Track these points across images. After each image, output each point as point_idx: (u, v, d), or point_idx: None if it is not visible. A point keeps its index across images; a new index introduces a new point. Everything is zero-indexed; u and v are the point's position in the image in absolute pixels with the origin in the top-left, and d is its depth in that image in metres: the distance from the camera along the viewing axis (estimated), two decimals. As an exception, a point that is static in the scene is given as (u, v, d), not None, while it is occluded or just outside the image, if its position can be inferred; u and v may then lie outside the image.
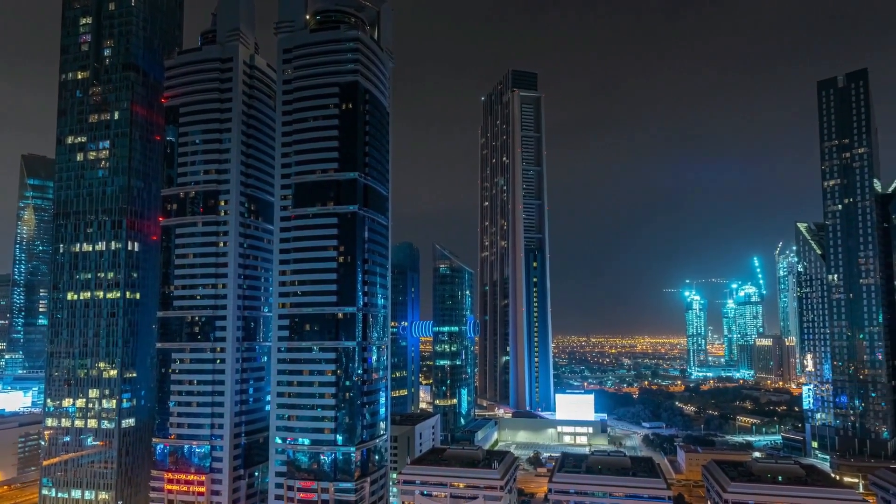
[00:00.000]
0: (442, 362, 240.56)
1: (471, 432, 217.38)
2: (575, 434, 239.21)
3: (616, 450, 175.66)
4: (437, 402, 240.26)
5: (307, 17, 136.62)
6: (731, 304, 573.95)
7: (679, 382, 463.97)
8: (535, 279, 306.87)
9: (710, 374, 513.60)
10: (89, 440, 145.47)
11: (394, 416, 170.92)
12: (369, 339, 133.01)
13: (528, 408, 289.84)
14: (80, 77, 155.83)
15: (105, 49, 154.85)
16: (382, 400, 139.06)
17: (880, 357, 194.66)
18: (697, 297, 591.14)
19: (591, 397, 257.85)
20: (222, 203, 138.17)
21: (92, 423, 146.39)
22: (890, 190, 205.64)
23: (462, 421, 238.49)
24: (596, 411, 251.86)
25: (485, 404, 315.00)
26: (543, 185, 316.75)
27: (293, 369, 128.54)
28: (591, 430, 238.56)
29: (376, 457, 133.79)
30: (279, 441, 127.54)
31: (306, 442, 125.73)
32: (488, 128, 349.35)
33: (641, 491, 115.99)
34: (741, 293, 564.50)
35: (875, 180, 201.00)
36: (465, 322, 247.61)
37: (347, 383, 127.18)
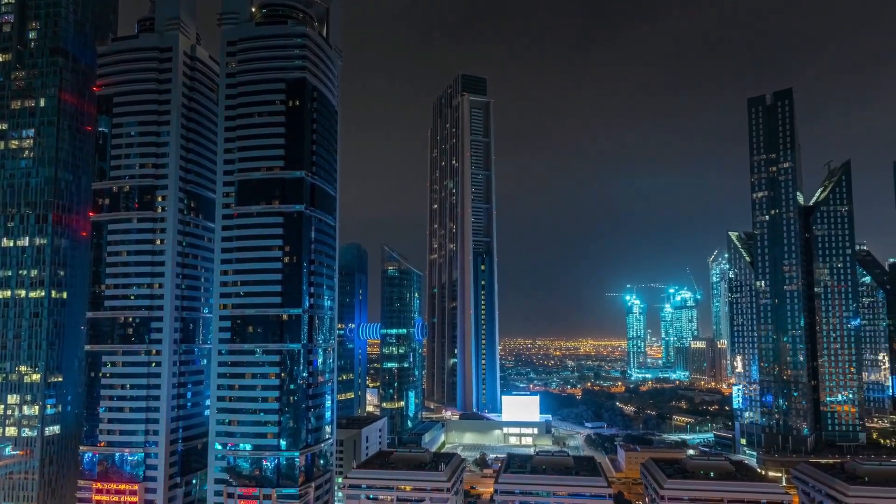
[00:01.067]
0: (389, 365, 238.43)
1: (418, 435, 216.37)
2: (520, 435, 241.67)
3: (560, 450, 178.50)
4: (384, 404, 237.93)
5: (252, 9, 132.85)
6: (668, 308, 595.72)
7: (620, 383, 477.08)
8: (482, 282, 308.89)
9: (648, 376, 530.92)
10: (7, 449, 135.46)
11: (340, 420, 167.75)
12: (315, 342, 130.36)
13: (475, 409, 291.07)
14: (1, 60, 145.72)
15: (30, 31, 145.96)
16: (328, 403, 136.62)
17: (801, 359, 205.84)
18: (638, 302, 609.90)
19: (537, 399, 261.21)
20: (160, 199, 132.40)
21: (11, 430, 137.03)
22: (811, 203, 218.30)
23: (409, 423, 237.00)
24: (541, 412, 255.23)
25: (432, 406, 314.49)
26: (492, 189, 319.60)
27: (235, 372, 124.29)
28: (536, 430, 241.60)
29: (321, 461, 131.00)
30: (219, 447, 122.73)
31: (248, 447, 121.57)
32: (438, 131, 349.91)
33: (584, 490, 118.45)
34: (678, 298, 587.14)
35: (798, 193, 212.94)
36: (413, 324, 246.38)
37: (292, 387, 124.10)
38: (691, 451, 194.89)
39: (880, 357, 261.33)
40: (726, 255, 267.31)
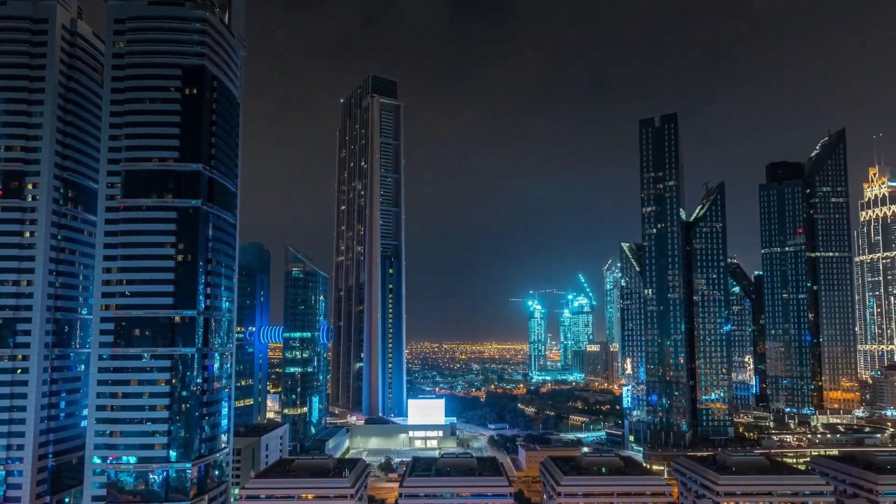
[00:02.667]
0: (292, 369, 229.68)
1: (321, 441, 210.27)
2: (426, 438, 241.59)
3: (464, 451, 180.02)
4: (285, 411, 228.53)
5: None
6: (567, 313, 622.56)
7: (522, 385, 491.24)
8: (390, 286, 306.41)
9: (548, 378, 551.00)
10: None
11: (238, 428, 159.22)
12: (211, 346, 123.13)
13: (380, 414, 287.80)
14: None
15: None
16: (225, 411, 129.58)
17: (682, 361, 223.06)
18: (539, 307, 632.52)
19: (442, 402, 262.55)
20: (30, 186, 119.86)
21: None
22: (691, 218, 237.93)
23: (312, 430, 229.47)
24: (446, 415, 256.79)
25: (337, 412, 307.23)
26: (401, 192, 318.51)
27: (118, 379, 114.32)
28: (441, 433, 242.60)
29: (216, 472, 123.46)
30: (98, 461, 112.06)
31: (132, 460, 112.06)
32: (347, 131, 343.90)
33: (486, 490, 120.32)
34: (576, 304, 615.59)
35: (681, 209, 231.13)
36: (318, 328, 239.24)
37: (184, 393, 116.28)
38: (586, 449, 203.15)
39: (746, 359, 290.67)
40: (619, 265, 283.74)
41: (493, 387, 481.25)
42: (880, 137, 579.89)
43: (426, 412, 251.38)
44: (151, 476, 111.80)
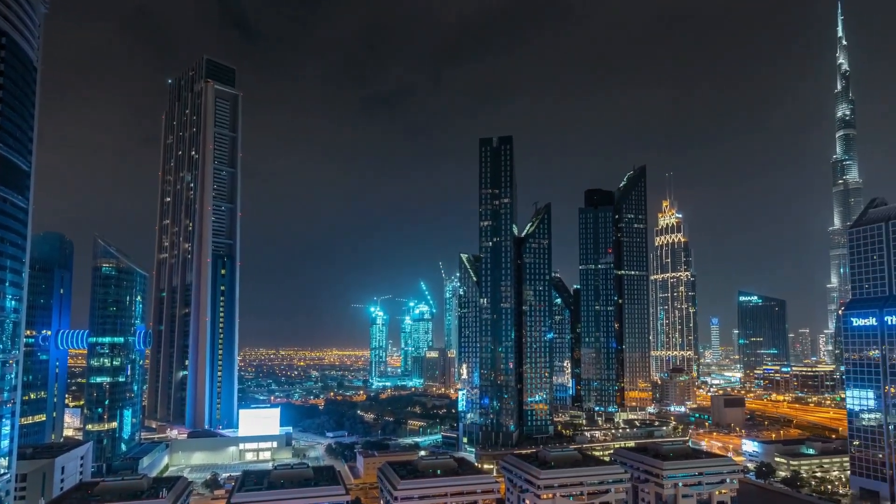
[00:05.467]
0: (99, 379, 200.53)
1: (134, 459, 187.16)
2: (258, 450, 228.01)
3: (300, 462, 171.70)
4: (89, 427, 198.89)
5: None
6: (408, 320, 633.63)
7: (362, 392, 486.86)
8: (222, 287, 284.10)
9: (388, 384, 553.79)
10: None
11: (24, 449, 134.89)
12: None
13: (207, 426, 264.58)
14: None
15: None
16: (6, 430, 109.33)
17: (511, 366, 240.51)
18: (381, 313, 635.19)
19: (278, 411, 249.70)
20: None
21: None
22: (523, 234, 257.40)
23: (123, 447, 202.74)
24: (282, 425, 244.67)
25: (155, 426, 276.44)
26: (237, 188, 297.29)
27: None
28: (275, 444, 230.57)
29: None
30: None
31: None
32: (175, 116, 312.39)
33: (322, 499, 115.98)
34: (417, 311, 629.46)
35: (514, 225, 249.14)
36: (133, 332, 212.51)
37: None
38: (423, 452, 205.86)
39: (565, 364, 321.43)
40: (458, 274, 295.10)
41: (332, 394, 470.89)
42: (672, 175, 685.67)
43: (259, 423, 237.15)
44: None
